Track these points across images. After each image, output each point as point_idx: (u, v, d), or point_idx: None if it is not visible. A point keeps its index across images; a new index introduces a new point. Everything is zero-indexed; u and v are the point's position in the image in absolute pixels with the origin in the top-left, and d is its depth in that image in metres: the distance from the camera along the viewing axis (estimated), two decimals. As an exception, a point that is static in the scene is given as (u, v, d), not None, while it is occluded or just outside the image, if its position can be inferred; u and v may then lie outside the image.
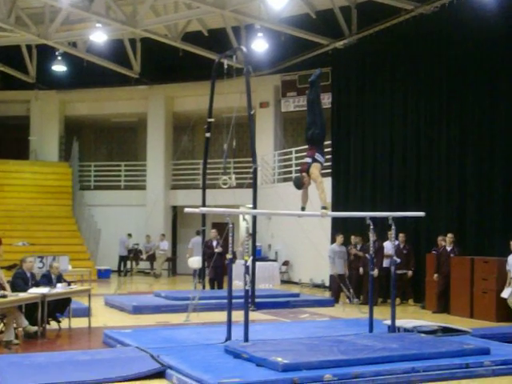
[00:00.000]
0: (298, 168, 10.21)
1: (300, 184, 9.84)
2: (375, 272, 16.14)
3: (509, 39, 15.25)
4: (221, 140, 17.71)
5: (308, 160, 9.90)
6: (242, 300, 9.55)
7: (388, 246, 16.16)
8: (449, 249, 15.43)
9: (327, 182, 20.19)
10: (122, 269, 25.38)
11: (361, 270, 16.59)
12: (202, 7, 20.55)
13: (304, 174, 9.79)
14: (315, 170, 9.67)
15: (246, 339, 9.35)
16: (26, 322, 11.12)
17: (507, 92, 15.30)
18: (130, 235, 25.76)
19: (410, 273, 16.61)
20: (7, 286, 11.43)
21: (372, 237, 11.16)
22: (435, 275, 15.53)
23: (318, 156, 9.83)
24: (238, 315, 10.03)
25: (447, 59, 16.90)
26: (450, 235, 15.48)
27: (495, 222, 15.28)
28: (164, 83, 27.24)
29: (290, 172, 23.38)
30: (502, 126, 15.38)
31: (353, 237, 17.49)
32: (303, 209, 10.05)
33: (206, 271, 17.45)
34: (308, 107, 10.38)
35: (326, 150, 20.40)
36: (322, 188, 9.63)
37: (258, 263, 17.35)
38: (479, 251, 15.14)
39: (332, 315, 14.76)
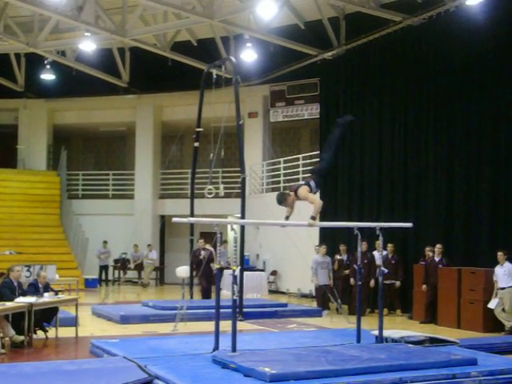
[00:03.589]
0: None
1: (282, 200, 9.82)
2: (372, 283, 16.24)
3: (497, 51, 15.35)
4: (209, 150, 17.70)
5: (301, 182, 10.07)
6: (229, 310, 9.54)
7: (376, 256, 16.22)
8: (437, 259, 15.48)
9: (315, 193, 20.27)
10: (103, 278, 25.26)
11: (351, 280, 16.56)
12: (191, 17, 20.58)
13: (292, 192, 9.81)
14: (303, 190, 9.67)
15: (234, 349, 9.33)
16: (12, 332, 11.07)
17: (495, 103, 15.39)
18: (105, 242, 25.47)
19: (397, 283, 16.65)
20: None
21: (360, 247, 11.19)
22: (423, 286, 15.57)
23: (311, 182, 9.87)
24: (225, 325, 10.03)
25: (435, 70, 16.98)
26: (438, 246, 15.52)
27: (482, 233, 15.34)
28: (153, 92, 27.22)
29: (279, 182, 23.41)
30: (490, 137, 15.46)
31: (341, 246, 17.52)
32: (287, 218, 10.04)
33: (193, 281, 17.47)
34: (327, 144, 10.90)
35: (314, 160, 20.69)
36: (315, 201, 9.65)
37: (245, 273, 17.33)
38: (466, 262, 15.19)
39: (319, 325, 14.75)
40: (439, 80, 16.86)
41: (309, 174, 10.36)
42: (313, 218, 9.69)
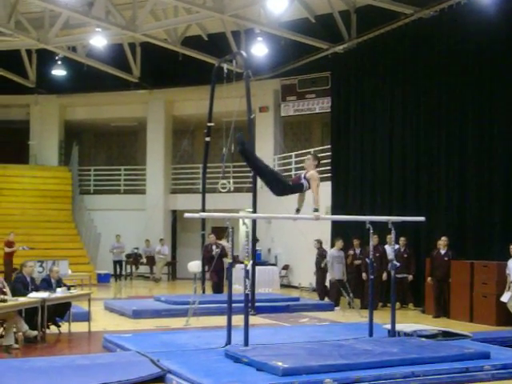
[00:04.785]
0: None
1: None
2: (384, 275, 16.20)
3: (509, 43, 15.26)
4: (220, 144, 17.70)
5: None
6: (241, 304, 9.54)
7: (388, 250, 16.17)
8: (443, 252, 15.43)
9: (327, 186, 20.27)
10: (117, 273, 25.27)
11: (363, 275, 16.50)
12: (201, 12, 20.57)
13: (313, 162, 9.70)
14: (314, 173, 9.52)
15: (246, 343, 9.34)
16: (25, 327, 11.12)
17: (508, 97, 15.31)
18: (118, 236, 25.28)
19: (410, 277, 16.59)
20: (8, 291, 11.41)
21: (372, 241, 11.16)
22: (428, 278, 15.61)
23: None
24: (237, 319, 10.03)
25: (447, 63, 16.90)
26: (443, 238, 15.46)
27: (495, 226, 15.28)
28: (164, 87, 27.23)
29: (290, 176, 23.34)
30: (503, 130, 15.38)
31: (355, 240, 17.44)
32: (298, 210, 9.98)
33: (205, 275, 17.50)
34: (259, 176, 10.08)
35: (325, 153, 20.64)
36: (317, 191, 9.50)
37: (257, 267, 17.33)
38: (479, 255, 15.14)
39: (332, 319, 14.75)
40: (451, 73, 16.77)
41: None
42: (316, 209, 9.60)
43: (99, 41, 22.35)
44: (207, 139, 17.66)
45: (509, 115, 15.25)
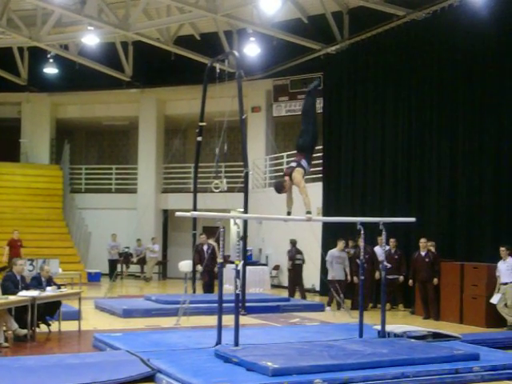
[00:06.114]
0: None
1: (280, 187, 9.81)
2: (377, 274, 16.21)
3: (501, 46, 15.32)
4: (212, 144, 17.74)
5: (293, 164, 9.85)
6: (232, 304, 9.54)
7: (378, 252, 16.20)
8: (423, 253, 15.43)
9: (318, 187, 20.31)
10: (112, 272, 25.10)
11: (354, 278, 16.50)
12: (194, 11, 20.57)
13: (287, 177, 9.77)
14: (298, 174, 9.61)
15: (237, 343, 9.34)
16: (15, 325, 11.09)
17: (498, 100, 15.36)
18: (114, 235, 25.09)
19: (401, 278, 16.60)
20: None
21: (363, 242, 11.18)
22: (410, 281, 15.70)
23: (303, 162, 9.77)
24: (228, 319, 10.04)
25: (439, 65, 16.96)
26: (422, 240, 15.44)
27: (485, 228, 15.33)
28: (156, 87, 27.20)
29: (282, 177, 23.34)
30: (493, 132, 15.43)
31: (350, 241, 17.43)
32: (289, 213, 10.05)
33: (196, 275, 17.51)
34: (303, 115, 10.34)
35: (317, 154, 20.67)
36: (305, 192, 9.53)
37: (248, 267, 17.35)
38: (469, 257, 15.18)
39: (322, 320, 14.76)
40: (443, 74, 16.83)
41: (296, 152, 10.14)
42: (308, 212, 9.66)
43: (91, 39, 22.33)
44: (199, 139, 17.65)
45: (500, 116, 15.31)
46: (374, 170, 18.76)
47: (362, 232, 10.92)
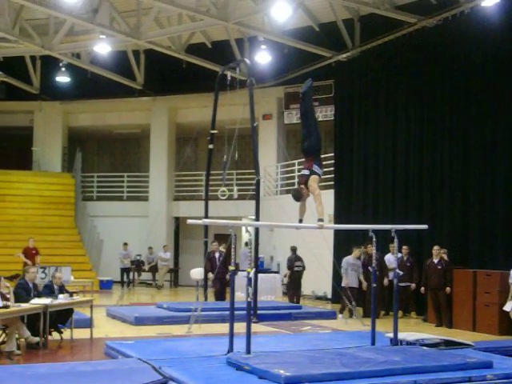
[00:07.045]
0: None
1: (299, 196, 9.77)
2: (385, 281, 16.18)
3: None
4: (224, 151, 17.72)
5: (306, 172, 9.80)
6: (244, 312, 9.54)
7: (390, 259, 16.15)
8: (436, 261, 15.38)
9: (329, 194, 20.29)
10: (125, 280, 25.14)
11: (364, 284, 16.49)
12: (205, 19, 20.61)
13: (302, 186, 9.75)
14: (313, 182, 9.61)
15: (248, 351, 9.32)
16: (28, 333, 11.12)
17: (511, 106, 15.31)
18: (125, 244, 25.17)
19: (413, 285, 16.55)
20: (11, 297, 11.42)
21: (375, 249, 11.15)
22: (422, 288, 15.64)
23: (315, 168, 9.75)
24: (240, 327, 10.02)
25: (450, 72, 16.94)
26: (436, 247, 15.40)
27: (498, 235, 15.27)
28: (167, 95, 27.27)
29: (293, 184, 23.32)
30: (506, 140, 15.39)
31: (362, 248, 17.35)
32: (301, 221, 10.03)
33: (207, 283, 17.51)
34: (302, 119, 10.26)
35: (328, 162, 20.67)
36: (319, 200, 9.54)
37: (260, 275, 17.34)
38: (482, 264, 15.12)
39: (334, 328, 14.73)
40: (454, 81, 16.80)
41: (304, 158, 10.03)
42: (320, 219, 9.66)
43: (103, 48, 22.41)
44: (210, 146, 17.68)
45: (512, 124, 15.28)
46: (386, 177, 18.73)
47: (374, 239, 10.89)
